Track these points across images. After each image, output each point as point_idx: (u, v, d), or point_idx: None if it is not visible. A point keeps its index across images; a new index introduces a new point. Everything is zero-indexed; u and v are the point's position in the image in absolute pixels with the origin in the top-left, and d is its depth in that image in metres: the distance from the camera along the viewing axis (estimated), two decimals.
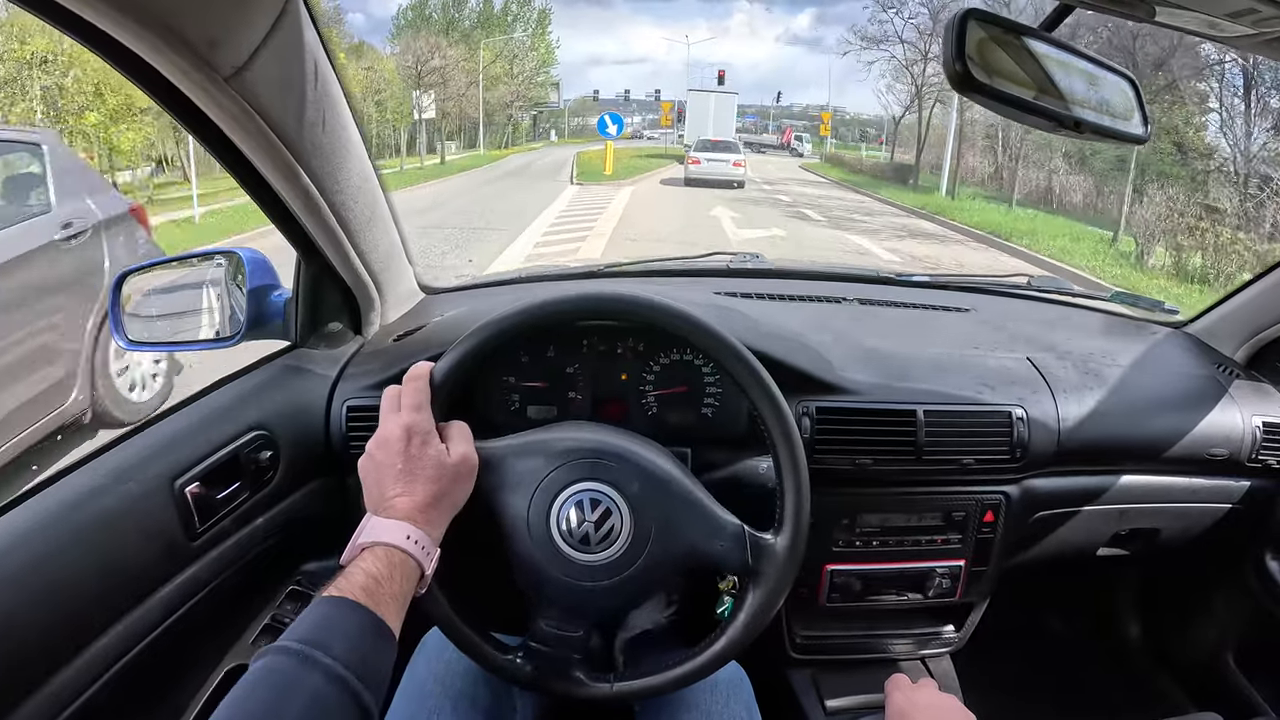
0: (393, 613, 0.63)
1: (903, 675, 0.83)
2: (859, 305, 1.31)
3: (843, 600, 1.09)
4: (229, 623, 0.96)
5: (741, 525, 0.79)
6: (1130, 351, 1.21)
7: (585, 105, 53.51)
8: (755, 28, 66.23)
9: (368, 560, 0.65)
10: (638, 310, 0.81)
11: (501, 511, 0.78)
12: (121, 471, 0.79)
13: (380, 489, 0.71)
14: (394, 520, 0.68)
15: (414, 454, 0.71)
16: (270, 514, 0.94)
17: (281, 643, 0.57)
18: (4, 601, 0.65)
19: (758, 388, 0.79)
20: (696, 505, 0.79)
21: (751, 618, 0.79)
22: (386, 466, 0.71)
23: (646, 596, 0.81)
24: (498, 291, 1.31)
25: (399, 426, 0.72)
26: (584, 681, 0.80)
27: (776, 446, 0.79)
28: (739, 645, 0.80)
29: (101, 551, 0.74)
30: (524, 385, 1.02)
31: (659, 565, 0.78)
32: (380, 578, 0.63)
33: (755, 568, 0.78)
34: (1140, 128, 0.83)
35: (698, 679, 0.81)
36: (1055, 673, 1.54)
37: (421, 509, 0.70)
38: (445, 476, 0.72)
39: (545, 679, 0.80)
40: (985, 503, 1.06)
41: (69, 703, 0.69)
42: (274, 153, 0.79)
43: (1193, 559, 1.36)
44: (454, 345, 0.78)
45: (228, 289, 1.05)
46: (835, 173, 26.31)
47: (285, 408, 0.97)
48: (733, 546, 0.78)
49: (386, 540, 0.66)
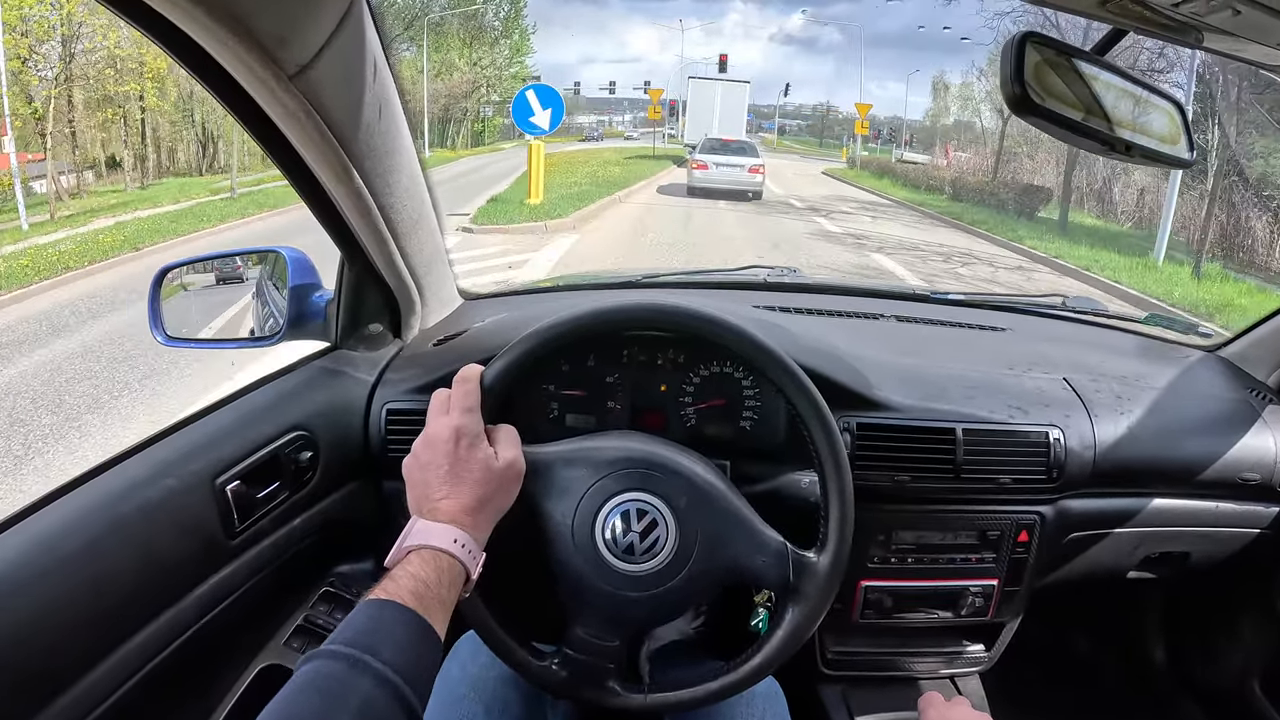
0: (439, 617, 0.63)
1: (936, 694, 0.83)
2: (896, 322, 1.31)
3: (876, 616, 1.08)
4: (262, 622, 0.96)
5: (785, 543, 0.78)
6: (1165, 374, 1.21)
7: (575, 103, 45.93)
8: (749, 27, 65.15)
9: (415, 563, 0.64)
10: (690, 323, 0.81)
11: (546, 518, 0.78)
12: (164, 467, 0.79)
13: (426, 489, 0.70)
14: (441, 524, 0.68)
15: (462, 456, 0.71)
16: (308, 515, 0.94)
17: (330, 646, 0.56)
18: (49, 592, 0.65)
19: (807, 404, 0.79)
20: (741, 521, 0.79)
21: (790, 634, 0.79)
22: (433, 467, 0.71)
23: (685, 609, 0.81)
24: (537, 299, 1.31)
25: (448, 428, 0.72)
26: (618, 691, 0.79)
27: (824, 464, 0.79)
28: (775, 661, 0.80)
29: (142, 547, 0.74)
30: (563, 394, 1.02)
31: (701, 578, 0.77)
32: (428, 581, 0.63)
33: (796, 585, 0.78)
34: (1187, 152, 0.84)
35: (733, 694, 0.81)
36: (1079, 694, 1.53)
37: (468, 512, 0.69)
38: (492, 480, 0.72)
39: (579, 686, 0.80)
40: (1020, 523, 1.06)
41: (104, 698, 0.68)
42: (329, 152, 0.79)
43: (1221, 583, 1.35)
44: (505, 350, 0.78)
45: (268, 288, 1.06)
46: (898, 190, 19.40)
47: (325, 409, 0.97)
48: (775, 563, 0.78)
49: (434, 544, 0.66)
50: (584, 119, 46.25)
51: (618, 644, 0.79)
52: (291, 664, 0.95)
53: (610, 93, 41.27)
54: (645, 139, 33.56)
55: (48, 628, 0.64)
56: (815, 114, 51.72)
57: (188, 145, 19.32)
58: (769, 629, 0.81)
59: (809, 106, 52.61)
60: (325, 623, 0.99)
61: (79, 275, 8.00)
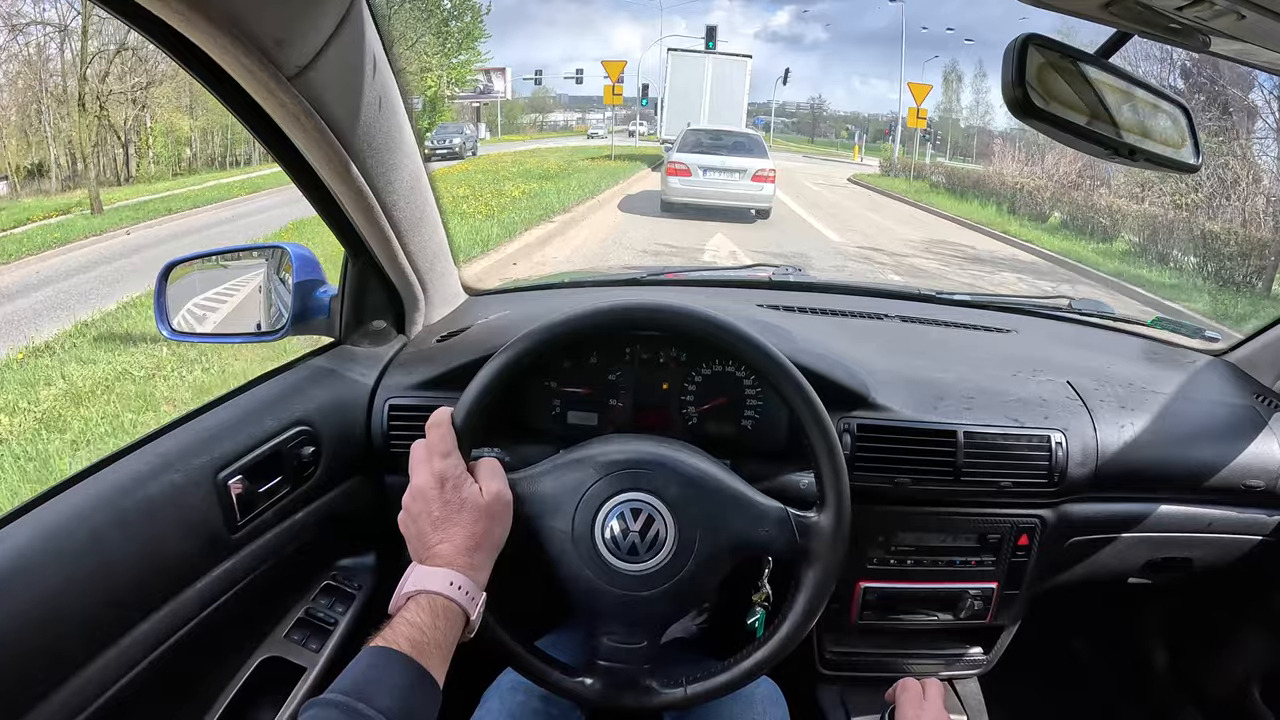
0: (437, 662, 0.64)
1: (911, 680, 0.85)
2: (900, 323, 1.30)
3: (875, 618, 1.08)
4: (264, 615, 0.97)
5: (784, 508, 0.79)
6: (1170, 379, 1.20)
7: (544, 101, 42.71)
8: (734, 25, 63.47)
9: (412, 610, 0.66)
10: (654, 316, 0.81)
11: (547, 537, 0.78)
12: (166, 461, 0.80)
13: (421, 540, 0.72)
14: (438, 568, 0.69)
15: (449, 499, 0.72)
16: (310, 509, 0.95)
17: (328, 695, 0.59)
18: (53, 583, 0.66)
19: (788, 382, 0.79)
20: (736, 497, 0.79)
21: (811, 597, 0.80)
22: (424, 516, 0.72)
23: (704, 596, 0.81)
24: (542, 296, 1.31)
25: (431, 475, 0.73)
26: (657, 690, 0.80)
27: (807, 428, 0.79)
28: (803, 628, 0.80)
29: (145, 540, 0.75)
30: (566, 390, 1.02)
31: (710, 562, 0.78)
32: (424, 627, 0.65)
33: (805, 546, 0.79)
34: (1192, 157, 0.83)
35: (769, 667, 0.81)
36: (1078, 699, 1.52)
37: (464, 553, 0.70)
38: (482, 517, 0.72)
39: (619, 694, 0.80)
40: (1021, 526, 1.05)
41: (107, 687, 0.70)
42: (330, 151, 0.80)
43: (1223, 590, 1.34)
44: (473, 381, 0.78)
45: (273, 283, 1.07)
46: (1016, 227, 11.99)
47: (328, 404, 0.98)
48: (778, 531, 0.78)
49: (431, 589, 0.67)
50: (559, 116, 42.26)
51: (645, 644, 0.80)
52: (293, 656, 0.96)
53: (577, 82, 34.81)
54: (622, 138, 25.77)
55: (52, 618, 0.65)
56: (799, 111, 49.06)
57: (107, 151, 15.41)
58: (793, 595, 0.81)
59: (793, 104, 49.96)
60: (326, 615, 1.00)
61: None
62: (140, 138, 15.72)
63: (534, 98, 42.03)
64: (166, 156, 16.47)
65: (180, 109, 16.07)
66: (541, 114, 42.20)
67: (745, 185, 9.97)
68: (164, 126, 16.10)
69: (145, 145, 15.89)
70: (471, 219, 9.11)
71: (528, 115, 40.81)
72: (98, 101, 13.97)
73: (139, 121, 15.49)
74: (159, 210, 11.77)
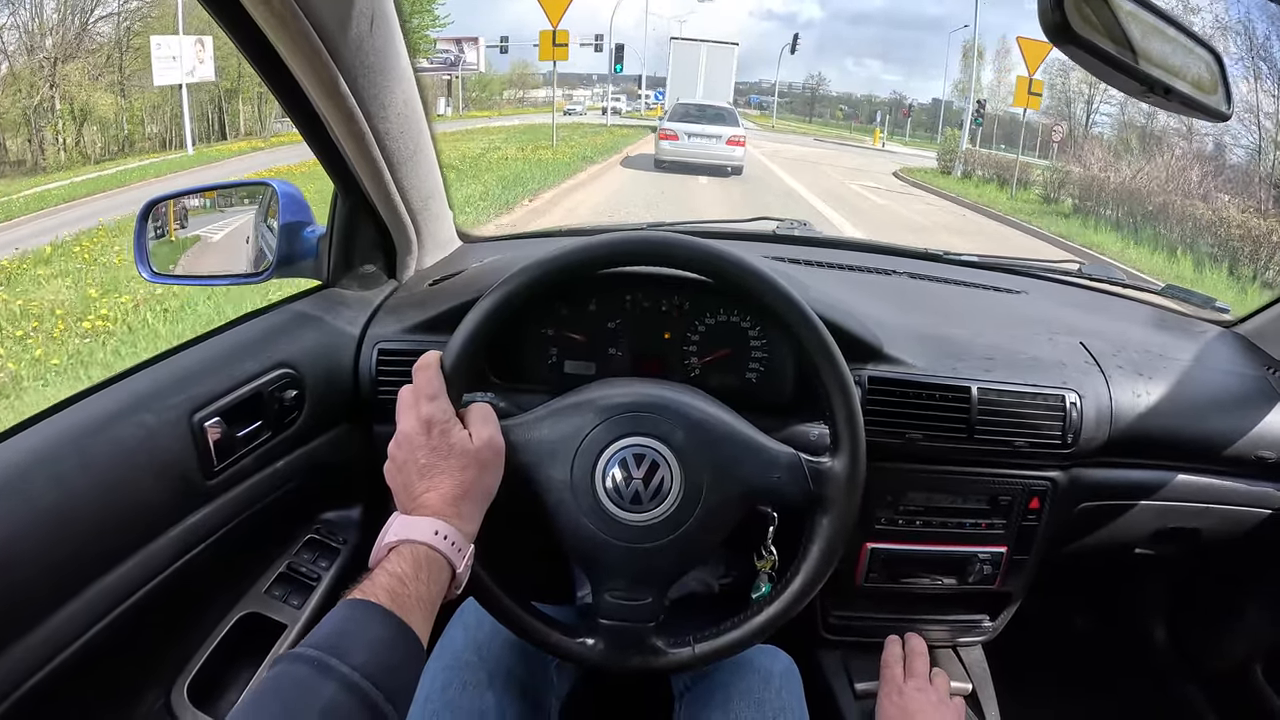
0: (419, 616, 0.60)
1: (894, 638, 0.86)
2: (909, 279, 1.27)
3: (880, 581, 1.05)
4: (244, 569, 0.93)
5: (796, 454, 0.75)
6: (1182, 347, 1.18)
7: (525, 76, 39.06)
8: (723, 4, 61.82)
9: (393, 561, 0.61)
10: (652, 248, 0.76)
11: (544, 487, 0.73)
12: (138, 400, 0.75)
13: (407, 489, 0.67)
14: (422, 518, 0.64)
15: (436, 445, 0.67)
16: (292, 457, 0.90)
17: (298, 650, 0.54)
18: (9, 529, 0.62)
19: (797, 316, 0.75)
20: (746, 442, 0.75)
21: (826, 547, 0.76)
22: (410, 464, 0.67)
23: (710, 548, 0.76)
24: (538, 244, 1.26)
25: (417, 420, 0.68)
26: (663, 650, 0.76)
27: (821, 369, 0.75)
28: (817, 581, 0.77)
29: (112, 485, 0.70)
30: (564, 336, 0.98)
31: (718, 512, 0.74)
32: (406, 578, 0.60)
33: (819, 493, 0.75)
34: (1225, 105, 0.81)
35: (782, 622, 0.77)
36: (1080, 670, 1.51)
37: (450, 502, 0.66)
38: (472, 464, 0.68)
39: (624, 654, 0.75)
40: (1032, 489, 1.03)
41: (67, 644, 0.65)
42: (317, 63, 0.74)
43: (1230, 563, 1.33)
44: (462, 324, 0.73)
45: (259, 222, 1.02)
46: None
47: (313, 347, 0.93)
48: (791, 477, 0.74)
49: (414, 538, 0.63)
50: (543, 93, 37.35)
51: (650, 600, 0.75)
52: (274, 613, 0.92)
53: (502, 50, 31.51)
54: (580, 113, 25.13)
55: (6, 566, 0.61)
56: (790, 90, 48.82)
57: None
58: (806, 545, 0.77)
59: (785, 84, 49.86)
60: (309, 571, 0.96)
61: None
62: (50, 122, 14.10)
63: (514, 72, 38.92)
64: (93, 141, 14.72)
65: (103, 87, 14.70)
66: (522, 89, 39.14)
67: (721, 148, 12.65)
68: (79, 107, 14.44)
69: (55, 131, 14.21)
70: None
71: (510, 90, 38.06)
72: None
73: (48, 103, 13.92)
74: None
